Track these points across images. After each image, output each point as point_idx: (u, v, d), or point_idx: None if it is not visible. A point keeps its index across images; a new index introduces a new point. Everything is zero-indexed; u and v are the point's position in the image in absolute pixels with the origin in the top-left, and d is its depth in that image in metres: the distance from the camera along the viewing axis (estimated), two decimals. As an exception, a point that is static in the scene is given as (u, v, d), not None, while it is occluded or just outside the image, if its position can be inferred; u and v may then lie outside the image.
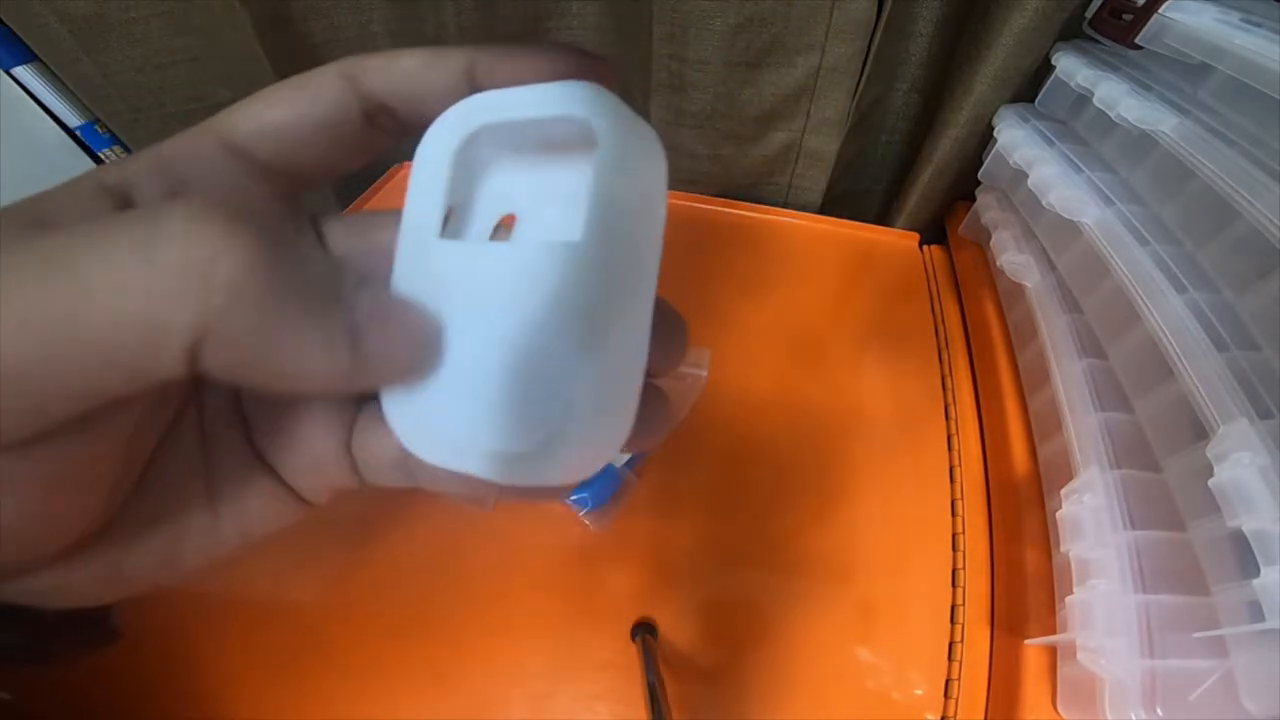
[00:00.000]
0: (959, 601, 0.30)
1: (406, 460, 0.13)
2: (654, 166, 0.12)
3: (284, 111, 0.12)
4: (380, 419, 0.12)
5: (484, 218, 0.13)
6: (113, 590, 0.12)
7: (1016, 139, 0.39)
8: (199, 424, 0.13)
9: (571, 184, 0.13)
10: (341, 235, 0.14)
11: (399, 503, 0.33)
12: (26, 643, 0.12)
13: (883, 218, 0.56)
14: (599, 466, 0.11)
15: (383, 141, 0.14)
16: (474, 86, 0.12)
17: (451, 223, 0.12)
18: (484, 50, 0.12)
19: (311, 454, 0.13)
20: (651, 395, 0.12)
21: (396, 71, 0.13)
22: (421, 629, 0.29)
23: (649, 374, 0.12)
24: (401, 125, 0.13)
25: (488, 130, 0.12)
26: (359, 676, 0.28)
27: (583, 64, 0.12)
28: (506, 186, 0.13)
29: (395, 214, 0.14)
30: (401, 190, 0.12)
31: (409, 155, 0.13)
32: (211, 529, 0.13)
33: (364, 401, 0.13)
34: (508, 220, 0.13)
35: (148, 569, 0.12)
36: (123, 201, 0.12)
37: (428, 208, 0.12)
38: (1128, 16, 0.34)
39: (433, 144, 0.12)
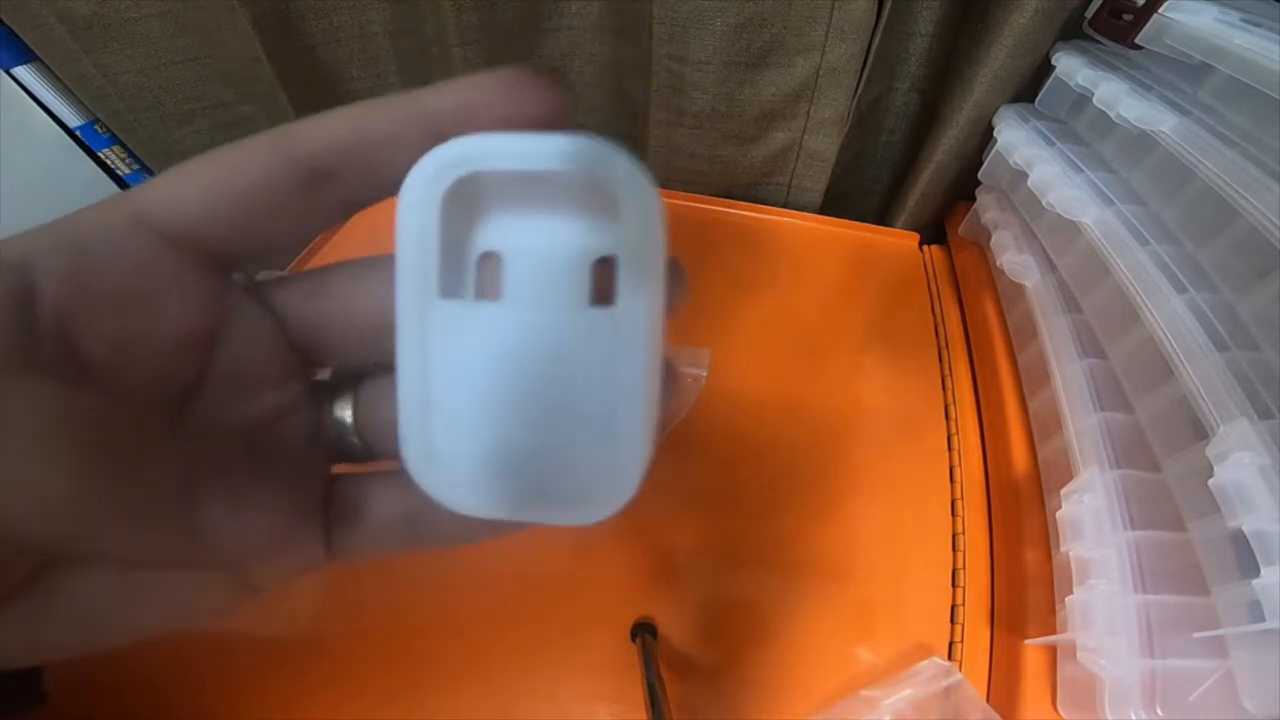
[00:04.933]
0: (959, 601, 0.30)
1: (416, 516, 0.14)
2: (658, 221, 0.12)
3: (199, 183, 0.12)
4: (371, 480, 0.13)
5: (470, 262, 0.13)
6: (34, 658, 0.12)
7: (1016, 139, 0.39)
8: None
9: (562, 234, 0.12)
10: (295, 298, 0.14)
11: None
12: None
13: (883, 218, 0.56)
14: (633, 491, 0.12)
15: (329, 212, 0.13)
16: (428, 127, 0.12)
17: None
18: (425, 90, 0.12)
19: (268, 532, 0.13)
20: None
21: (331, 125, 0.12)
22: (420, 629, 0.29)
23: None
24: (347, 192, 0.12)
25: (481, 178, 0.11)
26: (357, 676, 0.28)
27: (535, 85, 0.12)
28: (491, 231, 0.13)
29: (346, 266, 0.14)
30: (348, 239, 0.13)
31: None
32: (128, 608, 0.12)
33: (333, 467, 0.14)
34: (489, 258, 0.13)
35: (66, 642, 0.12)
36: (24, 286, 0.10)
37: (422, 265, 0.12)
38: (1128, 16, 0.34)
39: (419, 188, 0.11)
